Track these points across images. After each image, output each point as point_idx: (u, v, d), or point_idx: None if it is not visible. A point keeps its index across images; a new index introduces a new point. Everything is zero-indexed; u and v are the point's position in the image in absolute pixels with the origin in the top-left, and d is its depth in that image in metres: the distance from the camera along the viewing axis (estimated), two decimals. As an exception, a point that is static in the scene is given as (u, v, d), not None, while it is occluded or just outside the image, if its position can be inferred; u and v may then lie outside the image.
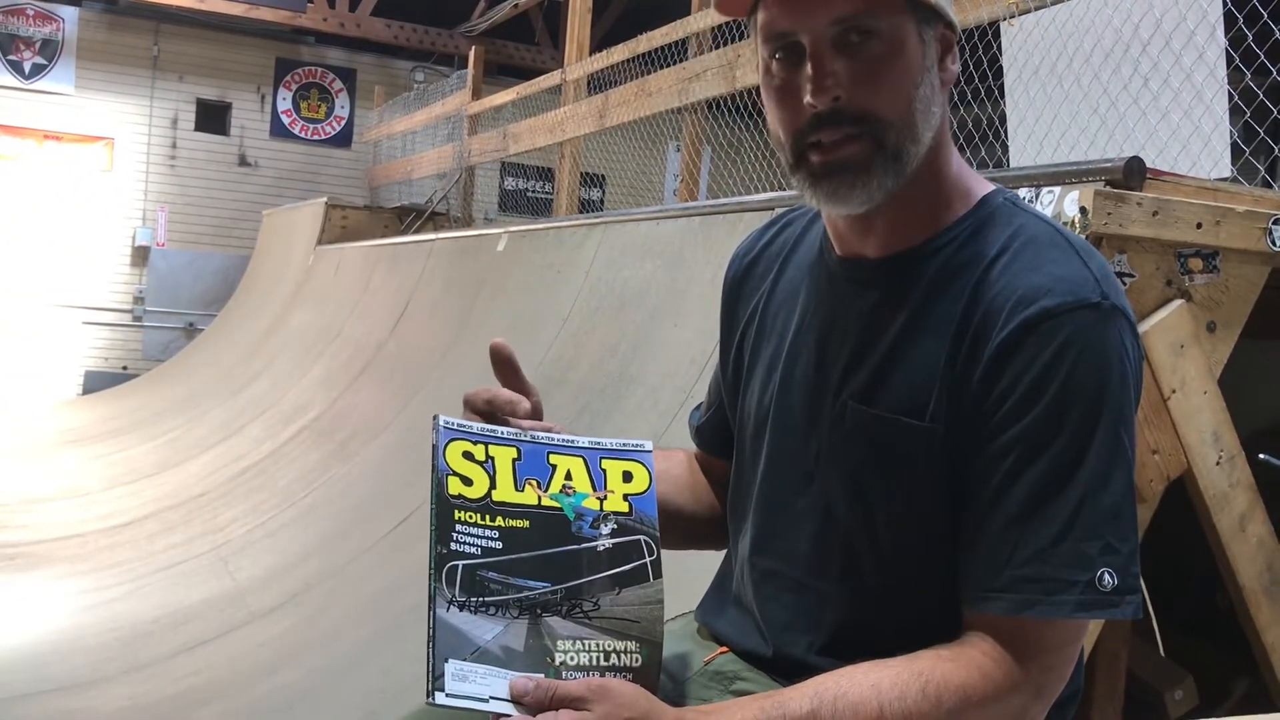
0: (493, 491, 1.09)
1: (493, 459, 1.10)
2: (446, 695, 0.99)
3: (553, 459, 1.12)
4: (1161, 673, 2.58)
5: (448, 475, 1.08)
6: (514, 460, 1.11)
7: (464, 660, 1.01)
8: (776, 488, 1.24)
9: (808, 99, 1.09)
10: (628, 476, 1.13)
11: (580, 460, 1.13)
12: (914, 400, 1.12)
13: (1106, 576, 1.03)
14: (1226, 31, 2.97)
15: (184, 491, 5.75)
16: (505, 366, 1.18)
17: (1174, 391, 2.02)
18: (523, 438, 1.12)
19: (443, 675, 1.00)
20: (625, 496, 1.12)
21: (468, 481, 1.08)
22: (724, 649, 1.29)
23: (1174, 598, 2.68)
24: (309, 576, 4.16)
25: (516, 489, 1.10)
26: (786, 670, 1.19)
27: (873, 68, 1.08)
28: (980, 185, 1.19)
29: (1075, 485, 1.04)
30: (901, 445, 1.12)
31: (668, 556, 1.13)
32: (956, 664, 1.05)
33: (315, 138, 11.68)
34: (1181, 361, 2.03)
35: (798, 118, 1.11)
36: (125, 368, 10.69)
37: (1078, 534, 1.04)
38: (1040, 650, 1.06)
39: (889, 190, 1.11)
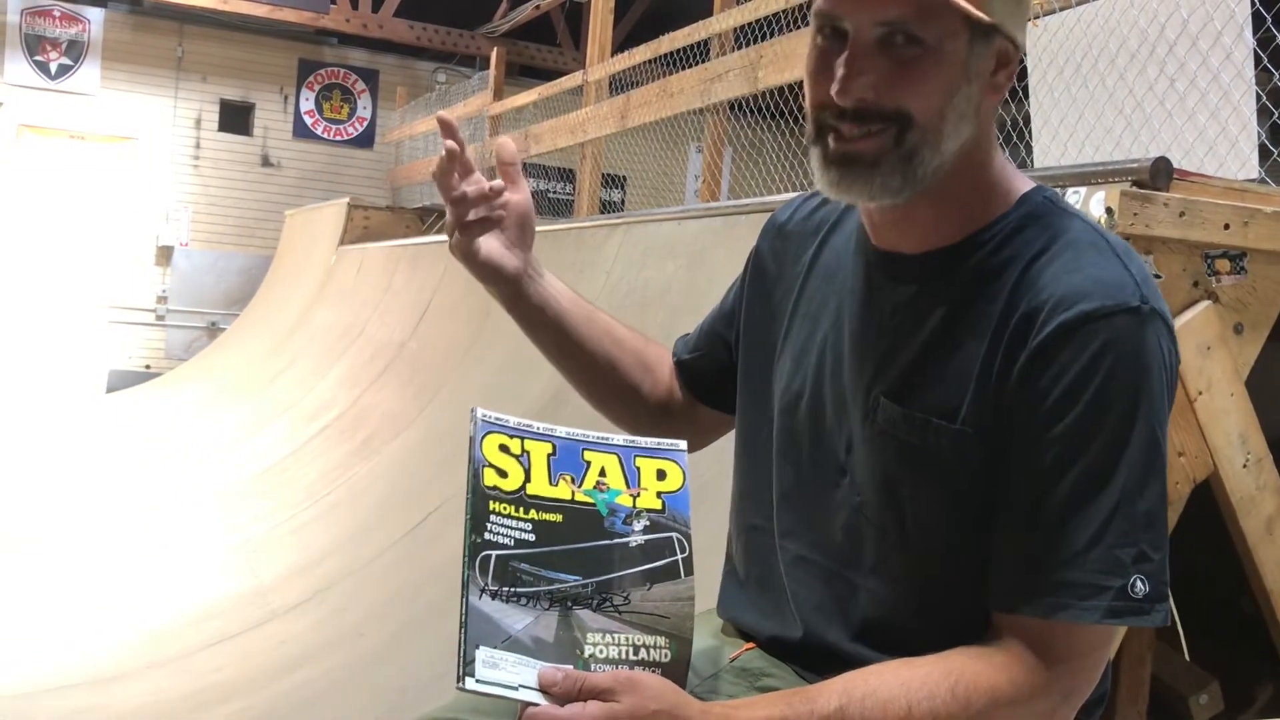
0: (527, 485, 1.10)
1: (528, 453, 1.12)
2: (476, 681, 1.00)
3: (587, 455, 1.13)
4: (1186, 677, 2.56)
5: (484, 466, 1.09)
6: (549, 455, 1.12)
7: (494, 648, 1.02)
8: (809, 477, 1.24)
9: (834, 89, 1.08)
10: (661, 475, 1.14)
11: (614, 457, 1.14)
12: (947, 402, 1.11)
13: (1139, 583, 1.03)
14: (1255, 32, 2.95)
15: (207, 488, 5.78)
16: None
17: (1200, 393, 2.01)
18: (558, 433, 1.14)
19: (473, 661, 1.01)
20: (659, 494, 1.13)
21: (503, 474, 1.10)
22: (750, 645, 1.29)
23: (1199, 602, 2.66)
24: (331, 574, 4.18)
25: (551, 483, 1.11)
26: (815, 656, 1.19)
27: (909, 70, 1.07)
28: (1021, 183, 1.18)
29: (1111, 490, 1.03)
30: (932, 446, 1.11)
31: (699, 555, 1.13)
32: (986, 664, 1.05)
33: (338, 138, 11.72)
34: (1208, 363, 2.01)
35: (824, 96, 1.10)
36: (148, 366, 10.75)
37: (1112, 539, 1.03)
38: (1070, 654, 1.05)
39: (895, 190, 1.10)
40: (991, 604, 1.09)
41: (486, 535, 1.06)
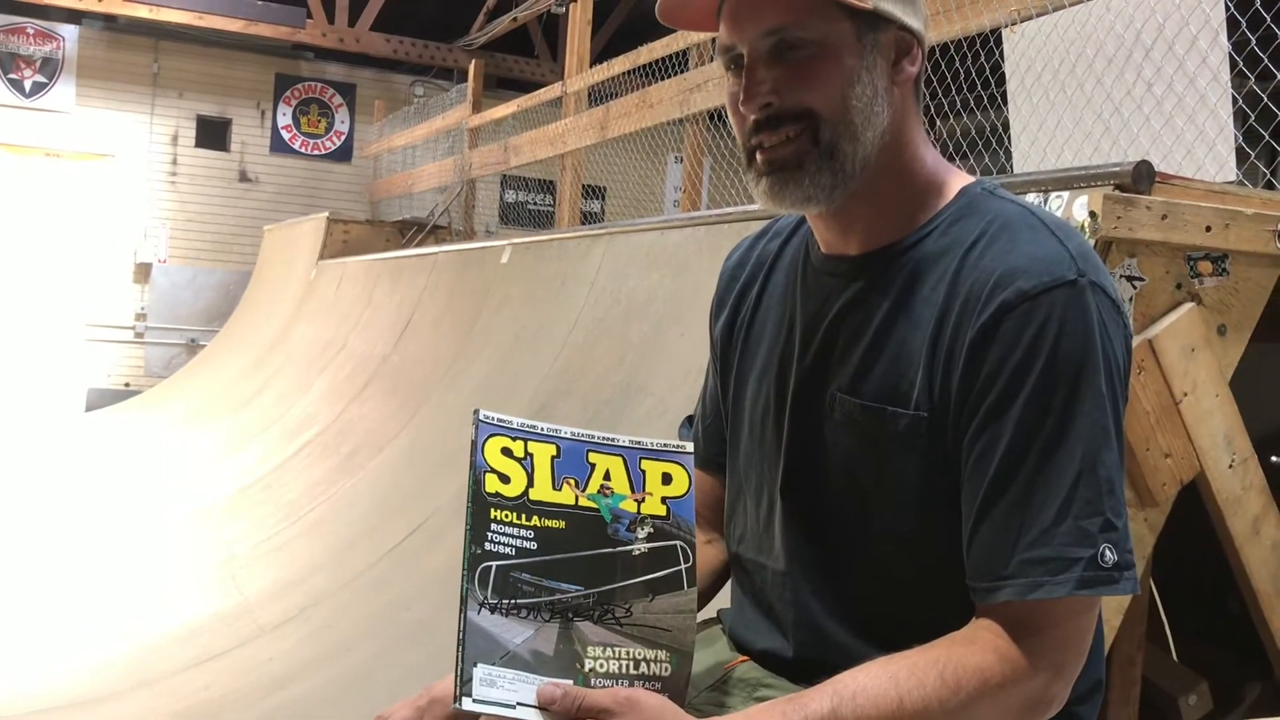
0: (530, 490, 1.09)
1: (531, 455, 1.10)
2: (474, 700, 1.00)
3: (592, 457, 1.12)
4: (1175, 678, 2.57)
5: (485, 472, 1.08)
6: (553, 458, 1.11)
7: (493, 665, 1.01)
8: (772, 486, 1.26)
9: (741, 107, 1.16)
10: (667, 479, 1.13)
11: (620, 460, 1.12)
12: (898, 388, 1.14)
13: (1108, 552, 1.05)
14: (1229, 36, 2.97)
15: (189, 506, 5.74)
16: None
17: (1185, 395, 2.02)
18: (563, 434, 1.12)
19: (471, 680, 1.00)
20: (663, 499, 1.12)
21: (505, 479, 1.08)
22: (743, 659, 1.29)
23: (1186, 602, 2.67)
24: (316, 590, 4.15)
25: (554, 488, 1.09)
26: (810, 672, 1.20)
27: (803, 71, 1.13)
28: (958, 179, 1.22)
29: (1070, 463, 1.05)
30: (888, 434, 1.14)
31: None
32: (971, 648, 1.06)
33: (315, 153, 11.68)
34: (1192, 365, 2.02)
35: (744, 125, 1.18)
36: (128, 384, 10.67)
37: (1077, 511, 1.05)
38: (1050, 626, 1.06)
39: (828, 188, 1.15)
40: (970, 591, 1.10)
41: (487, 545, 1.05)
